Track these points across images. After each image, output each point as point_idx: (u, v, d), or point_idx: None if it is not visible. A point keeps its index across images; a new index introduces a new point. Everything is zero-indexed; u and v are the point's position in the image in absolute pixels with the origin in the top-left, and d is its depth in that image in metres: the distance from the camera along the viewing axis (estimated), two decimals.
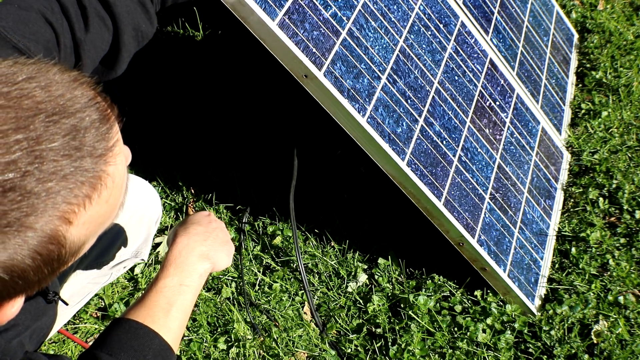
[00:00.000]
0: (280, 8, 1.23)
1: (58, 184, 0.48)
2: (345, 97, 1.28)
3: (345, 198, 1.81)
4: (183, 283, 0.92)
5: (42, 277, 0.51)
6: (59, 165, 0.48)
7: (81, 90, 0.51)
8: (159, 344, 0.84)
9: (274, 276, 1.64)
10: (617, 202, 1.84)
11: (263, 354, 1.50)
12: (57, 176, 0.48)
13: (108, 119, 0.52)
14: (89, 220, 0.52)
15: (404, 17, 1.55)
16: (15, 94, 0.48)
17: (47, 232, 0.48)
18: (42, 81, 0.50)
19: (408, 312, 1.55)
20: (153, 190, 1.34)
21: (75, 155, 0.49)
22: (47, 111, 0.48)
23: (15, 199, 0.45)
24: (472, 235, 1.48)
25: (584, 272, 1.67)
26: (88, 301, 1.55)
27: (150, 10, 0.86)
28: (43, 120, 0.48)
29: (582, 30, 2.47)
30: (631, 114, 2.13)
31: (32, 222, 0.47)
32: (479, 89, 1.70)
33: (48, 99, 0.49)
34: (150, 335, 0.84)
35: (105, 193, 0.52)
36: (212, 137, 1.91)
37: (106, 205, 0.53)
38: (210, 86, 2.04)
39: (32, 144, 0.47)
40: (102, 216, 0.54)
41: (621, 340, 1.55)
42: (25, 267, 0.48)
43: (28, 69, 0.50)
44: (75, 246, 0.53)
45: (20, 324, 0.77)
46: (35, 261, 0.48)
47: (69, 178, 0.48)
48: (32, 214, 0.46)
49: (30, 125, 0.47)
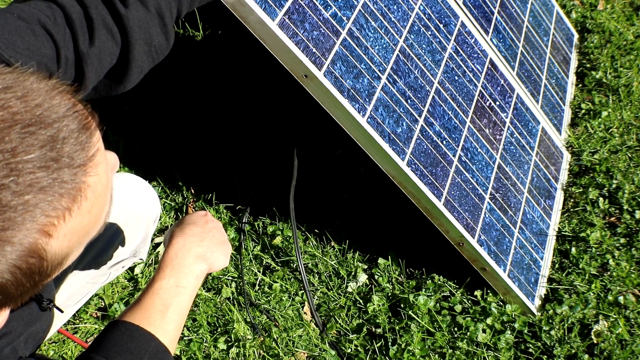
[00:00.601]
0: (280, 8, 1.23)
1: (35, 197, 0.47)
2: (345, 97, 1.28)
3: (345, 198, 1.81)
4: (179, 284, 0.92)
5: (24, 291, 0.50)
6: (36, 177, 0.46)
7: (59, 99, 0.50)
8: (155, 346, 0.83)
9: (274, 276, 1.64)
10: (617, 202, 1.84)
11: (263, 354, 1.50)
12: (34, 188, 0.46)
13: (88, 127, 0.51)
14: (70, 232, 0.51)
15: (404, 17, 1.55)
16: None
17: (26, 246, 0.47)
18: (18, 91, 0.48)
19: (408, 312, 1.55)
20: (151, 189, 1.34)
21: (53, 166, 0.47)
22: (23, 122, 0.47)
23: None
24: (472, 235, 1.48)
25: (584, 272, 1.67)
26: (88, 301, 1.55)
27: (168, 25, 0.84)
28: (19, 132, 0.46)
29: (582, 30, 2.47)
30: (631, 114, 2.13)
31: (10, 236, 0.46)
32: (479, 89, 1.70)
33: (24, 110, 0.48)
34: (146, 337, 0.83)
35: (85, 204, 0.51)
36: (212, 137, 1.91)
37: (88, 216, 0.52)
38: (210, 86, 2.04)
39: (7, 157, 0.45)
40: (84, 227, 0.53)
41: (621, 340, 1.55)
42: (5, 282, 0.47)
43: (4, 78, 0.49)
44: (58, 258, 0.52)
45: (12, 332, 0.76)
46: (14, 275, 0.47)
47: (47, 190, 0.47)
48: (9, 228, 0.45)
49: (6, 137, 0.46)
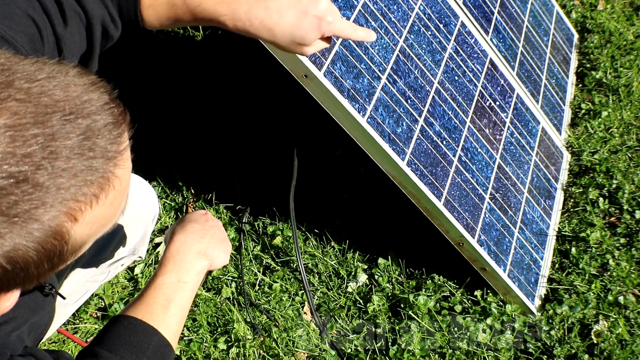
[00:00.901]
0: None
1: (68, 181, 0.49)
2: (345, 97, 1.28)
3: (345, 198, 1.81)
4: (181, 280, 0.93)
5: (42, 272, 0.51)
6: (71, 162, 0.49)
7: (97, 93, 0.53)
8: (158, 340, 0.84)
9: (274, 276, 1.64)
10: (617, 202, 1.84)
11: (263, 354, 1.50)
12: (69, 173, 0.49)
13: (120, 124, 0.54)
14: (93, 220, 0.53)
15: (404, 17, 1.55)
16: (35, 90, 0.49)
17: (52, 227, 0.49)
18: (61, 81, 0.51)
19: (408, 312, 1.55)
20: (150, 187, 1.34)
21: (87, 154, 0.50)
22: (64, 110, 0.50)
23: (27, 190, 0.46)
24: (472, 235, 1.48)
25: (584, 272, 1.67)
26: (88, 301, 1.55)
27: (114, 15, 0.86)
28: (60, 118, 0.49)
29: (582, 30, 2.47)
30: (631, 114, 2.13)
31: (40, 215, 0.48)
32: (479, 89, 1.70)
33: (66, 99, 0.50)
34: (149, 331, 0.84)
35: (112, 194, 0.53)
36: (212, 137, 1.91)
37: (110, 208, 0.54)
38: (210, 86, 2.04)
39: (47, 139, 0.48)
40: (105, 218, 0.55)
41: (621, 340, 1.55)
42: (28, 259, 0.48)
43: (49, 68, 0.51)
44: (77, 244, 0.53)
45: (18, 317, 0.78)
46: (38, 254, 0.49)
47: (79, 176, 0.49)
48: (40, 206, 0.47)
49: (48, 121, 0.48)
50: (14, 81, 0.49)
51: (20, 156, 0.46)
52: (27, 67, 0.50)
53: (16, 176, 0.46)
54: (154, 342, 0.84)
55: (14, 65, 0.50)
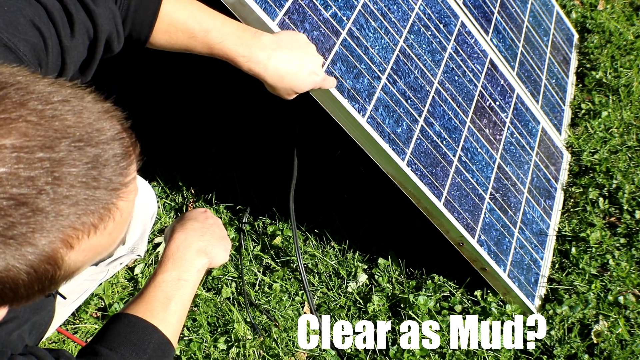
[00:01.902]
0: (280, 8, 1.23)
1: (69, 208, 0.48)
2: (345, 97, 1.28)
3: (345, 198, 1.81)
4: (181, 278, 0.93)
5: (31, 294, 0.51)
6: (74, 190, 0.48)
7: (110, 123, 0.53)
8: (158, 338, 0.85)
9: (274, 276, 1.64)
10: (617, 202, 1.84)
11: (263, 354, 1.50)
12: (70, 200, 0.48)
13: (130, 155, 0.53)
14: (89, 248, 0.52)
15: (404, 17, 1.55)
16: (48, 113, 0.49)
17: (47, 252, 0.48)
18: (75, 106, 0.50)
19: (408, 312, 1.55)
20: (148, 185, 1.34)
21: (91, 184, 0.49)
22: (74, 136, 0.49)
23: (25, 213, 0.46)
24: (472, 235, 1.48)
25: (584, 272, 1.67)
26: (88, 301, 1.55)
27: (120, 31, 0.87)
28: (68, 145, 0.49)
29: (582, 30, 2.47)
30: (631, 114, 2.13)
31: (36, 240, 0.47)
32: (479, 89, 1.70)
33: (77, 125, 0.50)
34: (149, 329, 0.84)
35: (111, 225, 0.53)
36: (212, 137, 1.91)
37: (108, 237, 0.54)
38: (211, 86, 2.04)
39: (53, 165, 0.47)
40: (101, 246, 0.55)
41: (621, 340, 1.55)
42: (19, 281, 0.48)
43: (65, 92, 0.51)
44: (70, 270, 0.53)
45: (19, 316, 0.78)
46: (29, 277, 0.48)
47: (80, 204, 0.49)
48: (37, 231, 0.47)
49: (56, 146, 0.48)
50: (29, 102, 0.48)
51: (23, 179, 0.46)
52: (43, 88, 0.50)
53: (17, 198, 0.46)
54: (154, 340, 0.84)
55: (30, 84, 0.50)
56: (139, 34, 0.90)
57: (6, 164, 0.45)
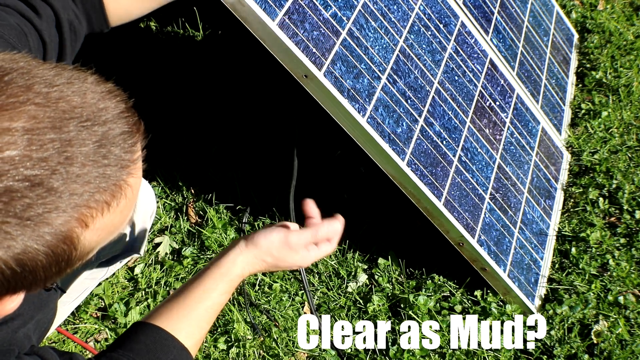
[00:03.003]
0: (280, 8, 1.23)
1: (82, 187, 0.49)
2: (345, 97, 1.28)
3: (345, 198, 1.81)
4: (206, 287, 0.90)
5: (49, 276, 0.51)
6: (86, 169, 0.49)
7: (114, 102, 0.53)
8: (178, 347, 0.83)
9: (274, 276, 1.64)
10: (617, 202, 1.84)
11: (263, 354, 1.50)
12: (82, 179, 0.49)
13: (135, 133, 0.54)
14: (102, 226, 0.53)
15: (404, 17, 1.55)
16: (54, 95, 0.49)
17: (63, 231, 0.49)
18: (79, 88, 0.51)
19: (408, 312, 1.55)
20: (147, 184, 1.34)
21: (101, 162, 0.50)
22: (81, 116, 0.50)
23: (41, 194, 0.47)
24: (472, 235, 1.48)
25: (584, 272, 1.67)
26: (88, 301, 1.55)
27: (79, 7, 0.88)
28: (76, 125, 0.49)
29: (582, 30, 2.47)
30: (631, 114, 2.13)
31: (52, 219, 0.48)
32: (479, 89, 1.70)
33: (83, 105, 0.51)
34: (169, 340, 0.83)
35: (122, 202, 0.53)
36: (212, 137, 1.91)
37: (120, 216, 0.55)
38: (210, 86, 2.04)
39: (64, 145, 0.48)
40: (114, 225, 0.55)
41: (621, 340, 1.55)
42: (37, 263, 0.49)
43: (68, 74, 0.52)
44: (85, 250, 0.54)
45: (24, 314, 0.78)
46: (47, 258, 0.49)
47: (93, 182, 0.50)
48: (53, 211, 0.48)
49: (65, 127, 0.49)
50: (34, 85, 0.49)
51: (36, 160, 0.47)
52: (46, 72, 0.51)
53: (31, 179, 0.46)
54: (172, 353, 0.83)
55: (33, 69, 0.50)
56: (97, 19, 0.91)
57: (18, 147, 0.46)
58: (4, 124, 0.46)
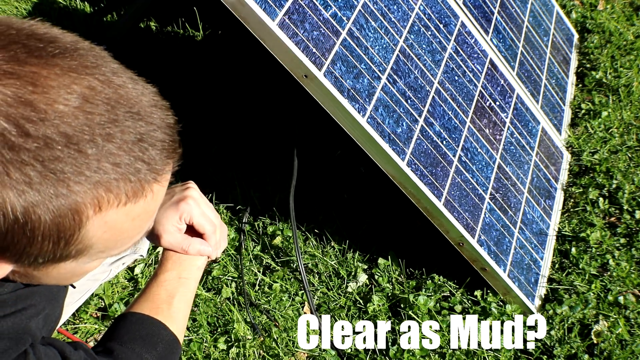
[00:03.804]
0: (280, 8, 1.23)
1: (111, 167, 0.50)
2: (345, 97, 1.28)
3: (345, 198, 1.81)
4: (182, 276, 0.93)
5: (42, 249, 0.51)
6: (121, 152, 0.50)
7: (165, 113, 0.56)
8: (167, 334, 0.85)
9: (274, 276, 1.64)
10: (617, 202, 1.84)
11: (263, 354, 1.50)
12: (114, 159, 0.50)
13: (173, 150, 0.56)
14: (111, 223, 0.53)
15: (404, 17, 1.55)
16: (116, 81, 0.52)
17: (77, 202, 0.49)
18: (140, 88, 0.54)
19: (408, 312, 1.55)
20: None
21: (137, 154, 0.51)
22: (132, 108, 0.52)
23: (72, 154, 0.48)
24: (472, 235, 1.48)
25: (584, 272, 1.67)
26: (88, 301, 1.55)
27: None
28: (126, 112, 0.51)
29: (582, 30, 2.47)
30: (631, 114, 2.13)
31: (72, 184, 0.48)
32: (479, 89, 1.70)
33: (138, 102, 0.53)
34: (157, 325, 0.85)
35: (141, 203, 0.53)
36: (212, 137, 1.91)
37: (131, 224, 0.55)
38: (210, 86, 2.04)
39: (110, 122, 0.50)
40: (121, 231, 0.55)
41: (621, 340, 1.55)
42: (40, 225, 0.48)
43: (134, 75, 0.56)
44: (85, 241, 0.53)
45: (37, 304, 0.77)
46: (51, 225, 0.49)
47: (122, 168, 0.50)
48: (77, 174, 0.48)
49: (116, 109, 0.50)
50: (102, 66, 0.52)
51: (80, 122, 0.48)
52: (114, 65, 0.54)
53: (70, 137, 0.47)
54: (164, 336, 0.84)
55: (104, 57, 0.54)
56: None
57: (70, 105, 0.48)
58: (66, 81, 0.48)
